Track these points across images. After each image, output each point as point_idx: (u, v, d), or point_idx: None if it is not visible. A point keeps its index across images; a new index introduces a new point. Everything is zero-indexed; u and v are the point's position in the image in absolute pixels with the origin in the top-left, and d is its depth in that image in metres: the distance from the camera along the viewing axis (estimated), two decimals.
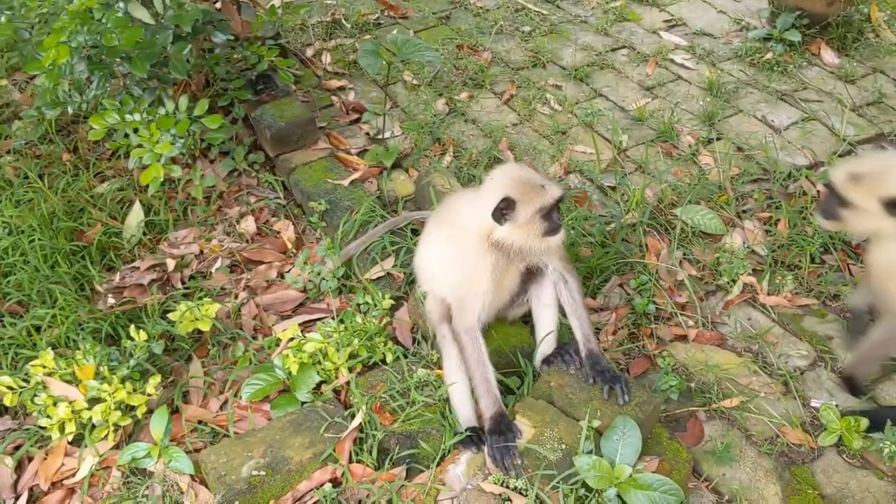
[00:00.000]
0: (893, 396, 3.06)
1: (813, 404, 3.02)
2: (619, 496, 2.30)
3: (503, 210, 2.64)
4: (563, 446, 2.39)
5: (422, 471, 2.68)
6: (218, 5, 4.14)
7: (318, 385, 3.02)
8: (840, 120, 4.40)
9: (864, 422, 2.83)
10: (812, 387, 3.10)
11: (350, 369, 3.06)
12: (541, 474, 2.32)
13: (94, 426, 2.84)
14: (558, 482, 2.31)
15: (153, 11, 3.48)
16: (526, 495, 2.29)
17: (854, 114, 4.50)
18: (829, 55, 4.93)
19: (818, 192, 3.93)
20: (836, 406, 3.00)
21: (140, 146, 3.35)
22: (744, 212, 3.85)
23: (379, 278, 3.43)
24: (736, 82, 4.77)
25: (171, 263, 3.58)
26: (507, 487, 2.33)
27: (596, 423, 2.45)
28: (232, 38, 4.02)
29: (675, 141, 4.30)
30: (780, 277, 3.52)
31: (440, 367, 2.97)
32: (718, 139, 4.30)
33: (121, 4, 3.20)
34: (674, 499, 2.29)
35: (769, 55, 4.92)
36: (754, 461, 2.81)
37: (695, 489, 2.71)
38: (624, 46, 5.17)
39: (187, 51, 3.48)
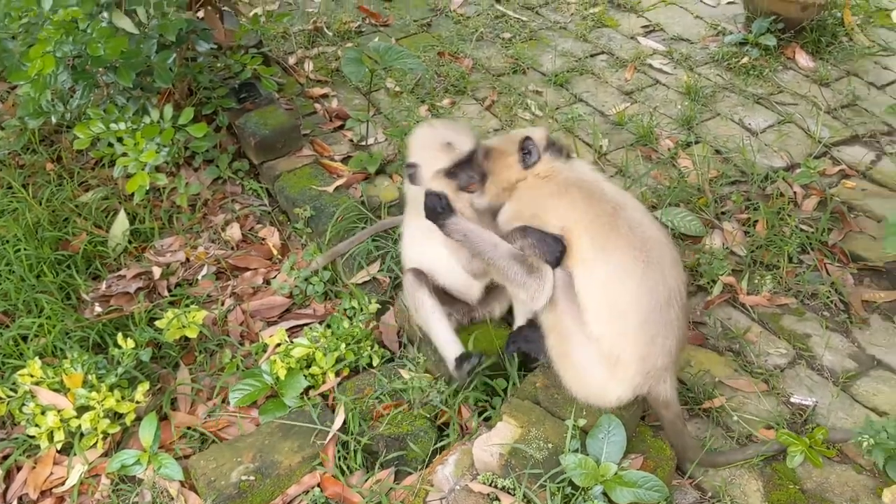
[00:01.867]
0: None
1: (793, 401, 3.08)
2: (604, 493, 2.34)
3: (410, 174, 2.89)
4: (550, 445, 2.44)
5: (410, 473, 2.72)
6: (201, 14, 4.16)
7: (306, 390, 3.05)
8: (815, 122, 4.49)
9: (821, 434, 2.78)
10: (791, 384, 3.16)
11: (337, 374, 3.09)
12: (528, 473, 2.36)
13: (82, 434, 2.85)
14: (545, 481, 2.35)
15: (136, 21, 3.50)
16: (514, 494, 2.33)
17: (829, 116, 4.58)
18: (803, 59, 5.02)
19: (795, 193, 4.00)
20: (815, 403, 3.07)
21: (125, 155, 3.36)
22: (723, 213, 3.91)
23: (365, 283, 3.46)
24: (713, 86, 4.85)
25: (157, 271, 3.60)
26: (496, 487, 2.37)
27: (581, 422, 2.49)
28: (215, 47, 4.05)
29: (654, 145, 4.36)
30: (759, 277, 3.58)
31: (427, 370, 3.01)
32: (697, 142, 4.37)
33: (105, 14, 3.21)
34: (658, 495, 2.33)
35: (745, 59, 5.00)
36: None
37: (679, 486, 2.76)
38: (603, 52, 5.23)
39: (171, 60, 3.50)
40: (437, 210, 2.75)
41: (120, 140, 3.42)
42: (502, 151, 2.82)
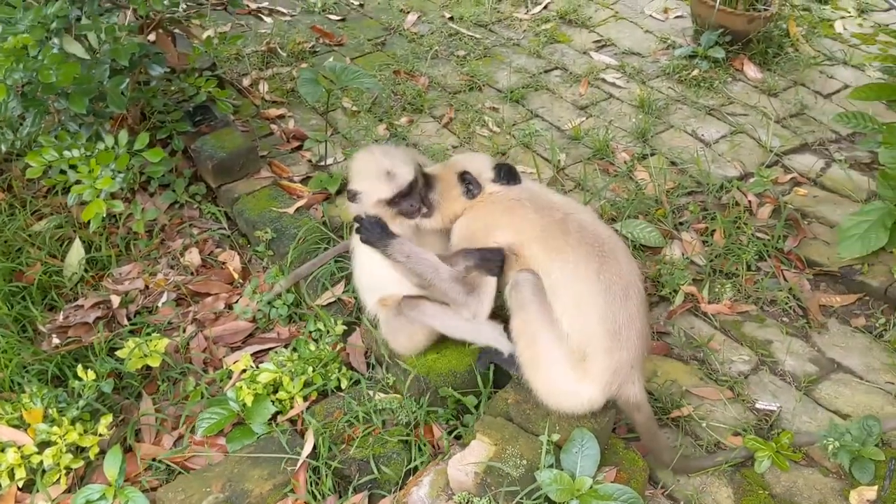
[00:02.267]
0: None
1: (758, 407, 3.13)
2: None
3: (352, 198, 2.92)
4: (525, 462, 2.44)
5: (384, 496, 2.69)
6: (152, 38, 4.11)
7: (274, 416, 3.00)
8: (766, 132, 4.59)
9: (787, 438, 2.86)
10: (756, 390, 3.21)
11: (305, 398, 3.05)
12: (504, 491, 2.36)
13: (44, 470, 2.77)
14: (522, 498, 2.34)
15: (87, 46, 3.44)
16: None
17: (779, 125, 4.69)
18: (751, 70, 5.14)
19: (749, 202, 4.08)
20: (780, 408, 3.12)
21: (79, 182, 3.29)
22: (681, 224, 3.97)
23: (330, 304, 3.43)
24: (665, 99, 4.93)
25: (115, 300, 3.52)
26: None
27: (555, 437, 2.49)
28: (168, 70, 4.00)
29: (611, 158, 4.41)
30: (719, 286, 3.64)
31: (397, 391, 2.99)
32: (652, 154, 4.43)
33: (55, 40, 3.15)
34: None
35: (695, 72, 5.10)
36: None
37: (652, 497, 2.78)
38: (556, 67, 5.29)
39: (125, 85, 3.44)
40: (376, 235, 2.81)
41: (73, 167, 3.35)
42: (446, 183, 2.89)
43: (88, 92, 3.20)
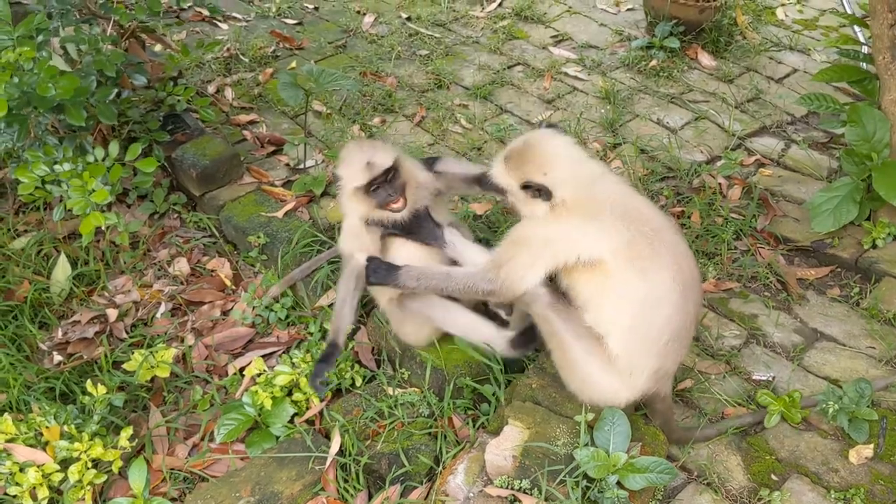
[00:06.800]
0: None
1: (755, 378, 3.28)
2: (618, 482, 2.44)
3: (335, 183, 3.05)
4: (560, 442, 2.52)
5: (415, 487, 2.74)
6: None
7: (291, 418, 3.02)
8: (727, 117, 4.78)
9: (797, 395, 3.03)
10: (749, 362, 3.36)
11: (321, 398, 3.07)
12: (546, 472, 2.44)
13: (60, 490, 2.74)
14: (564, 476, 2.43)
15: (67, 58, 3.39)
16: (531, 494, 2.40)
17: (738, 110, 4.89)
18: (706, 58, 5.33)
19: (720, 184, 4.25)
20: (773, 378, 3.28)
21: (66, 197, 3.23)
22: (659, 209, 4.10)
23: (331, 304, 3.46)
24: (628, 90, 5.08)
25: (112, 314, 3.48)
26: (513, 489, 2.43)
27: (590, 417, 2.59)
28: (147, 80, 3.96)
29: (584, 148, 4.52)
30: (702, 265, 3.78)
31: (412, 385, 3.04)
32: (624, 143, 4.57)
33: (44, 54, 3.10)
34: (668, 477, 2.45)
35: (653, 62, 5.27)
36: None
37: None
38: (518, 63, 5.39)
39: (112, 96, 3.40)
40: (382, 273, 2.86)
41: (55, 182, 3.29)
42: (516, 196, 2.72)
43: (81, 104, 3.16)
